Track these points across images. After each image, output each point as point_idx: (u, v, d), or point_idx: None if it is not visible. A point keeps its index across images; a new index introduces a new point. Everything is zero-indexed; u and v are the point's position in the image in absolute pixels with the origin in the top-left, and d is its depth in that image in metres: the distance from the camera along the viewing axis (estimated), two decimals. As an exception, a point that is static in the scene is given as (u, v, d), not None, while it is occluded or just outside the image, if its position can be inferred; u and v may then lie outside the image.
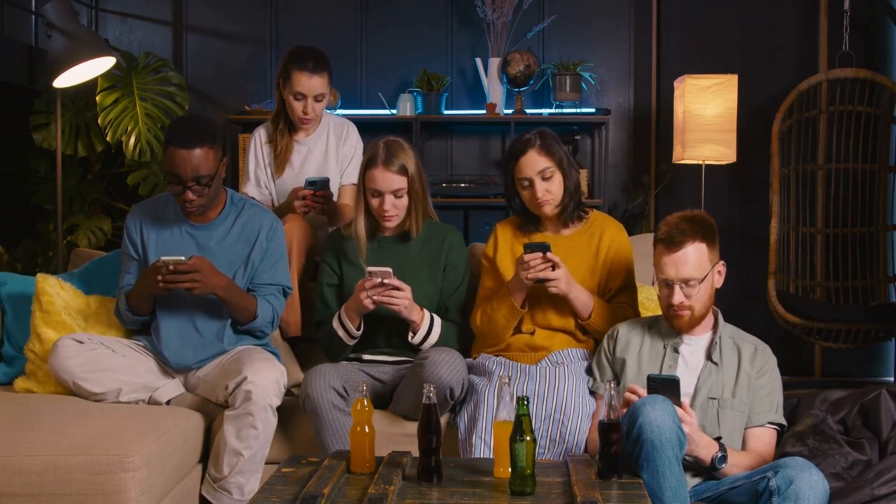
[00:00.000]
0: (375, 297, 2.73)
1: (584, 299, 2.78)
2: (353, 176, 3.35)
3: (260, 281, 2.89)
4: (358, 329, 2.84)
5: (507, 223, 3.00)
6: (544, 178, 2.81)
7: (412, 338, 2.84)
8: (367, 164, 2.87)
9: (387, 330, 2.90)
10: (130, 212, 2.96)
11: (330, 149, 3.40)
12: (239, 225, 2.90)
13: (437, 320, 2.88)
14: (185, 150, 2.69)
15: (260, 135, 3.43)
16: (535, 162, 2.80)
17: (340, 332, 2.84)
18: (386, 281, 2.72)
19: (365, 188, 2.88)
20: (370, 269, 2.74)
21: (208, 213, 2.88)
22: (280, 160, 3.36)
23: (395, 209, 2.87)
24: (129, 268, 2.92)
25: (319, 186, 3.19)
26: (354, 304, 2.79)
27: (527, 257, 2.69)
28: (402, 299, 2.75)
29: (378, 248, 2.96)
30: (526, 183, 2.83)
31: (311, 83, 3.25)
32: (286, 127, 3.37)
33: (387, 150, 2.85)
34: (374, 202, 2.87)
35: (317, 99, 3.29)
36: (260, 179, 3.39)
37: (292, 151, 3.37)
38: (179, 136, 2.72)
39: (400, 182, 2.84)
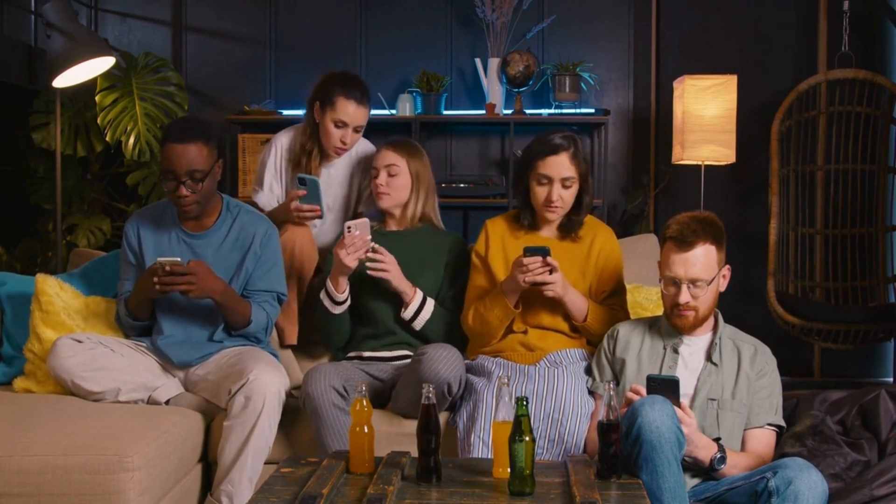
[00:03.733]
0: (360, 255, 2.80)
1: (578, 303, 2.78)
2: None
3: (254, 287, 2.89)
4: (342, 293, 2.88)
5: (497, 220, 2.98)
6: (564, 186, 2.81)
7: (404, 311, 2.91)
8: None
9: (385, 312, 2.96)
10: (129, 218, 2.97)
11: (354, 177, 3.26)
12: (234, 232, 2.89)
13: (430, 300, 2.94)
14: (180, 144, 2.71)
15: (282, 144, 3.24)
16: (563, 167, 2.80)
17: (326, 302, 2.89)
18: (372, 245, 2.81)
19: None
20: (349, 223, 2.79)
21: (204, 220, 2.88)
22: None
23: (388, 188, 3.00)
24: (127, 274, 2.92)
25: (310, 186, 3.00)
26: (336, 266, 2.84)
27: (526, 260, 2.68)
28: (386, 264, 2.84)
29: (384, 240, 2.98)
30: (545, 180, 2.82)
31: (358, 114, 3.11)
32: (318, 151, 3.17)
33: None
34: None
35: (356, 130, 3.13)
36: (274, 191, 3.25)
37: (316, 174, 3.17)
38: (174, 132, 2.76)
39: (394, 158, 2.99)
